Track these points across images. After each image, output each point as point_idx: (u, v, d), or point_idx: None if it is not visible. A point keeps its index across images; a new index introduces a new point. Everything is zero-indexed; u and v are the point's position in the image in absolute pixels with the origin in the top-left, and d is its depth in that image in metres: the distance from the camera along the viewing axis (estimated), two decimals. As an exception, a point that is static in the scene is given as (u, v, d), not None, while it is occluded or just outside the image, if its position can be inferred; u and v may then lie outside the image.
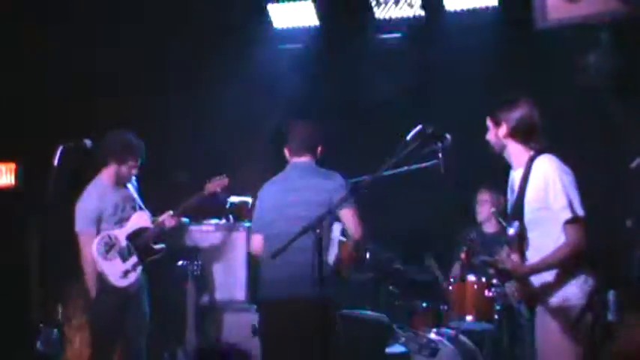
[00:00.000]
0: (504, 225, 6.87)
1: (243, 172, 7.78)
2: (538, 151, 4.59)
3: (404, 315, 7.29)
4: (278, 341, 5.46)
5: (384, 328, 6.71)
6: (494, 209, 7.09)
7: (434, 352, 6.57)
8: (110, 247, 6.35)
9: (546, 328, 4.50)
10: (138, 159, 6.47)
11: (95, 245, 6.32)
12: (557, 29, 6.87)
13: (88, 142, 6.13)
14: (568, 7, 6.66)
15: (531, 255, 4.53)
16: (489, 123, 4.74)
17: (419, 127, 4.74)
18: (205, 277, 7.52)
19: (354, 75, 8.32)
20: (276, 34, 8.54)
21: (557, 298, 4.46)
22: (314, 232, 4.58)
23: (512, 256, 4.54)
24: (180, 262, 7.20)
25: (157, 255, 6.55)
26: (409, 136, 4.74)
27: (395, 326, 6.81)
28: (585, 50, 7.32)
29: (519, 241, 4.55)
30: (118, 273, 6.34)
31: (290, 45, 8.65)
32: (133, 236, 6.45)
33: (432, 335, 6.75)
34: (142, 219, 6.54)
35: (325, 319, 4.97)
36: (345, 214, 5.43)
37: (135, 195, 6.60)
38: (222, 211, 7.76)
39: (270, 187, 5.72)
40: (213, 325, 7.50)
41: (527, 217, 4.54)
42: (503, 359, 6.47)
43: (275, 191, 5.66)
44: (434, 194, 7.37)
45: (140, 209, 6.58)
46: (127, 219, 6.47)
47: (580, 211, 4.41)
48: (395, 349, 6.72)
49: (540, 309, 4.53)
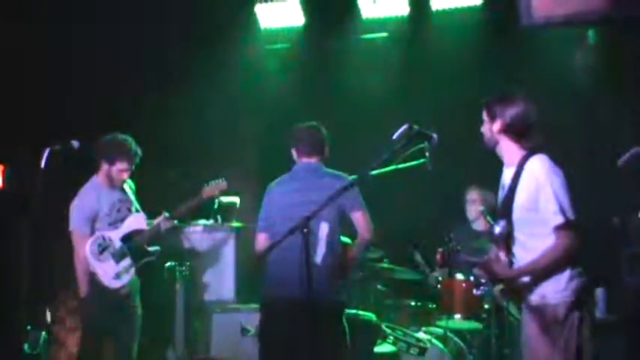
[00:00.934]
0: (491, 223, 6.91)
1: (229, 171, 7.77)
2: (531, 151, 4.53)
3: (393, 314, 7.29)
4: (279, 340, 5.50)
5: (372, 327, 6.71)
6: (482, 207, 7.10)
7: (422, 351, 6.57)
8: (104, 248, 6.32)
9: (527, 325, 4.51)
10: (128, 162, 6.42)
11: (89, 245, 6.30)
12: (543, 27, 6.89)
13: (75, 144, 6.09)
14: (553, 5, 6.67)
15: (518, 253, 4.52)
16: (485, 116, 4.67)
17: (405, 127, 4.74)
18: (194, 278, 7.49)
19: (340, 74, 8.33)
20: (263, 34, 8.55)
21: (535, 295, 4.46)
22: (301, 232, 4.58)
23: (500, 254, 4.55)
24: (169, 263, 7.16)
25: (151, 257, 6.53)
26: (395, 136, 4.74)
27: (384, 325, 6.81)
28: (571, 48, 7.36)
29: (506, 240, 4.55)
30: (110, 274, 6.32)
31: (277, 45, 8.66)
32: (127, 238, 6.42)
33: (420, 334, 6.75)
34: (137, 221, 6.51)
35: (325, 318, 5.00)
36: (358, 216, 5.61)
37: (131, 197, 6.58)
38: (211, 212, 7.74)
39: (278, 187, 5.82)
40: (202, 326, 7.49)
41: (515, 217, 4.51)
42: (491, 358, 6.47)
43: (282, 191, 5.75)
44: (422, 192, 7.39)
45: (136, 211, 6.55)
46: (121, 220, 6.45)
47: (571, 215, 4.38)
48: (384, 348, 6.71)
49: (523, 307, 4.54)
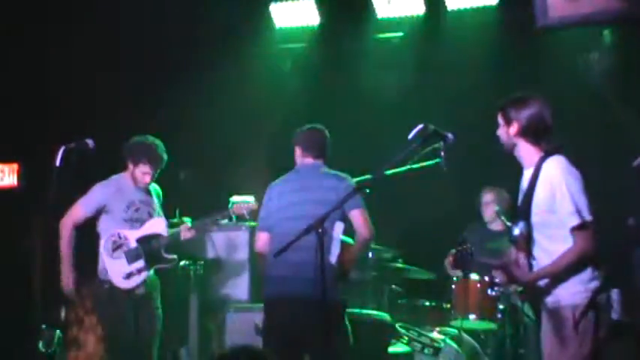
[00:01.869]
0: (508, 224, 6.89)
1: (243, 170, 7.79)
2: (548, 152, 4.52)
3: (407, 314, 7.28)
4: (281, 339, 5.46)
5: (386, 327, 6.70)
6: (497, 208, 7.09)
7: (437, 351, 6.57)
8: (118, 246, 6.28)
9: (545, 328, 4.51)
10: (152, 166, 6.37)
11: (104, 242, 6.29)
12: (559, 28, 6.87)
13: (90, 143, 6.07)
14: (569, 6, 6.65)
15: (538, 255, 4.51)
16: (500, 119, 4.66)
17: (420, 126, 4.73)
18: (208, 277, 7.52)
19: (355, 74, 8.32)
20: (278, 33, 8.55)
21: (551, 297, 4.46)
22: (316, 232, 4.58)
23: (519, 256, 4.53)
24: (183, 262, 7.18)
25: (167, 264, 6.46)
26: (411, 135, 4.73)
27: (398, 325, 6.81)
28: (587, 49, 7.33)
29: (525, 241, 4.53)
30: (120, 273, 6.27)
31: (291, 44, 8.66)
32: (144, 240, 6.35)
33: (434, 334, 6.75)
34: (158, 225, 6.42)
35: (330, 318, 4.97)
36: (355, 214, 5.49)
37: (155, 202, 6.52)
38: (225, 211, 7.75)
39: (279, 187, 5.77)
40: (215, 325, 7.50)
41: (534, 219, 4.50)
42: (506, 358, 6.46)
43: (284, 190, 5.71)
44: (437, 192, 7.37)
45: (158, 216, 6.48)
46: (140, 221, 6.38)
47: (588, 216, 4.36)
48: (398, 348, 6.71)
49: (542, 309, 4.54)
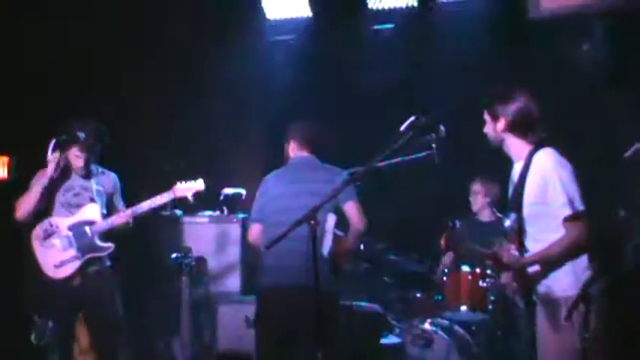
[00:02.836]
0: (499, 215, 6.92)
1: (234, 162, 7.78)
2: (537, 145, 4.54)
3: (398, 306, 7.30)
4: (276, 329, 5.50)
5: (378, 318, 6.73)
6: (488, 199, 7.13)
7: (428, 342, 6.59)
8: (49, 234, 6.04)
9: (539, 319, 4.53)
10: (79, 149, 6.08)
11: (35, 230, 6.06)
12: (550, 19, 6.88)
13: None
14: (560, -2, 6.67)
15: (530, 247, 4.53)
16: (487, 117, 4.69)
17: (412, 118, 4.73)
18: (199, 270, 7.51)
19: (347, 66, 8.32)
20: (269, 25, 8.54)
21: (543, 288, 4.48)
22: (308, 224, 4.59)
23: (510, 248, 4.55)
24: (174, 255, 7.17)
25: (101, 253, 6.09)
26: (403, 127, 4.73)
27: (389, 317, 6.83)
28: (579, 41, 7.34)
29: (517, 233, 4.55)
30: (52, 262, 6.01)
31: (283, 36, 8.65)
32: (76, 227, 6.06)
33: (426, 326, 6.76)
34: (91, 212, 6.12)
35: (323, 307, 5.00)
36: (350, 206, 5.56)
37: (101, 188, 6.21)
38: (216, 203, 7.76)
39: (274, 179, 5.80)
40: (207, 317, 7.51)
41: (525, 211, 4.52)
42: (497, 349, 6.48)
43: (280, 183, 5.74)
44: (428, 184, 7.38)
45: (92, 201, 6.15)
46: (78, 207, 6.11)
47: (580, 207, 4.39)
48: (389, 340, 6.73)
49: (536, 300, 4.55)
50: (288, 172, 5.81)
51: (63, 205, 6.11)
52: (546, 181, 4.43)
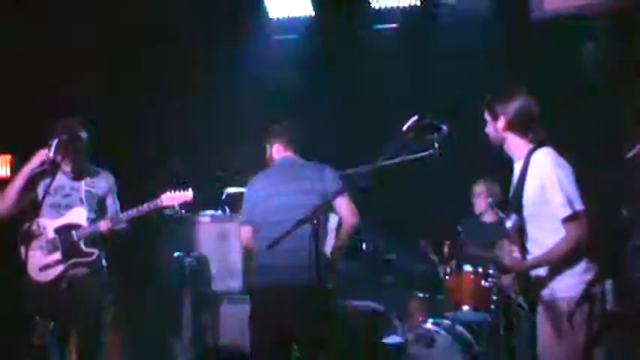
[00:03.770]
0: (501, 216, 6.91)
1: (235, 161, 7.77)
2: (537, 144, 4.54)
3: (400, 305, 7.30)
4: (272, 327, 5.45)
5: (380, 318, 6.72)
6: (491, 199, 7.11)
7: (430, 342, 6.58)
8: (35, 235, 5.84)
9: (540, 319, 4.52)
10: (66, 149, 5.77)
11: (22, 231, 5.87)
12: (554, 20, 6.88)
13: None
14: (564, -2, 6.67)
15: (531, 247, 4.53)
16: (487, 117, 4.69)
17: (415, 118, 4.73)
18: (201, 269, 7.52)
19: (349, 65, 8.32)
20: (272, 24, 8.54)
21: (545, 290, 4.47)
22: (311, 222, 4.59)
23: (512, 249, 4.54)
24: (177, 254, 7.17)
25: (85, 259, 5.87)
26: (405, 127, 4.73)
27: (391, 316, 6.82)
28: (582, 41, 7.34)
29: (518, 234, 4.55)
30: (36, 265, 5.84)
31: (285, 35, 8.65)
32: (62, 230, 5.88)
33: (428, 325, 6.76)
34: (77, 215, 5.92)
35: (322, 305, 5.00)
36: (339, 201, 5.52)
37: (87, 189, 5.98)
38: (218, 203, 7.76)
39: (259, 181, 5.77)
40: (209, 316, 7.51)
41: (525, 211, 4.52)
42: (499, 349, 6.48)
43: (270, 183, 5.70)
44: (430, 184, 7.38)
45: (81, 203, 5.94)
46: (66, 208, 5.92)
47: (579, 206, 4.37)
48: (391, 339, 6.73)
49: (538, 301, 4.55)
50: (276, 172, 5.77)
51: (52, 206, 5.91)
52: (545, 182, 4.42)
